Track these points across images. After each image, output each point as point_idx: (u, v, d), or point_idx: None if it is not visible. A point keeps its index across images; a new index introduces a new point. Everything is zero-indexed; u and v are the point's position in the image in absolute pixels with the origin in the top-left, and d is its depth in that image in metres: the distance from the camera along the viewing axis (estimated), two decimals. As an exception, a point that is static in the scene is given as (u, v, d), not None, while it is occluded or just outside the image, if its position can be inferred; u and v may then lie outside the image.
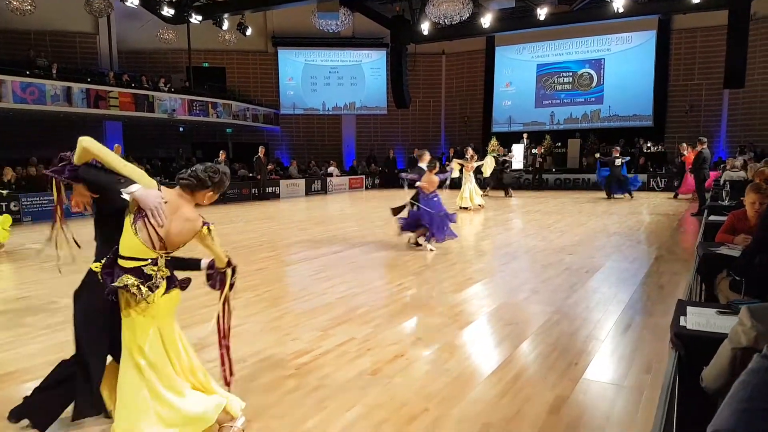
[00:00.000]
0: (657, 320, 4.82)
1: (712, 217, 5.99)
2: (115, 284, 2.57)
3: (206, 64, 24.20)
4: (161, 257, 2.70)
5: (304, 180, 21.36)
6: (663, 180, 19.73)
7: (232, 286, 2.94)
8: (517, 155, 22.29)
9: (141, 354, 2.66)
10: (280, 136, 25.54)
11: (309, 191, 21.31)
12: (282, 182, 20.36)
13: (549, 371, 3.72)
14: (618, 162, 16.47)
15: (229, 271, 2.93)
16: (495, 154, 17.85)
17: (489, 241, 9.38)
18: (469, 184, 14.54)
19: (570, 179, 21.38)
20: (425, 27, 20.87)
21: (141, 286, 2.60)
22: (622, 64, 22.69)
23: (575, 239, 9.33)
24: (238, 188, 18.70)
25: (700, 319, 2.63)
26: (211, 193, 2.84)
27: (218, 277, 2.91)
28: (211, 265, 2.90)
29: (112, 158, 2.63)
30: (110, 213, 2.69)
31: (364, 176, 24.12)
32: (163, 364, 2.70)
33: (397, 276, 6.80)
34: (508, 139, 23.49)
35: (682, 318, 2.67)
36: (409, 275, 6.81)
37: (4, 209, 12.73)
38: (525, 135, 22.89)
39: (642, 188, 18.70)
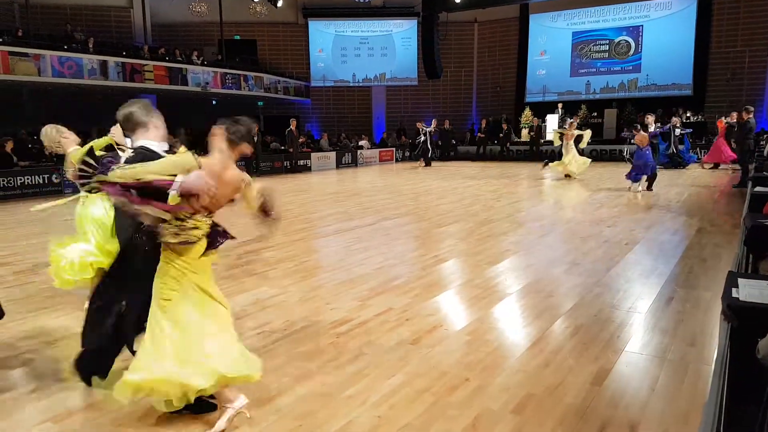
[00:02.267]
0: (700, 293, 4.73)
1: (757, 188, 5.79)
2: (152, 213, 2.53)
3: (238, 37, 24.21)
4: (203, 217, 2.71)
5: (335, 153, 21.37)
6: (703, 151, 19.12)
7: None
8: (551, 125, 21.85)
9: (174, 303, 2.67)
10: (311, 109, 25.53)
11: (339, 164, 21.33)
12: (313, 155, 20.41)
13: (591, 343, 3.69)
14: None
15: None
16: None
17: (524, 214, 9.27)
18: (572, 152, 14.46)
19: (606, 150, 20.88)
20: (458, -5, 20.41)
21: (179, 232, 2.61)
22: (662, 31, 21.87)
23: (614, 211, 9.15)
24: (270, 161, 18.83)
25: (752, 290, 2.55)
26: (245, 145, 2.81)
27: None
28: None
29: (141, 173, 2.51)
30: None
31: (394, 149, 24.01)
32: (194, 316, 2.69)
33: (432, 248, 6.80)
34: (542, 109, 23.06)
35: (734, 290, 2.59)
36: (445, 247, 6.80)
37: (45, 181, 13.10)
38: (560, 105, 22.39)
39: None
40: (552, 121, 21.95)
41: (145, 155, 2.79)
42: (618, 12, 22.74)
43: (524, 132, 22.90)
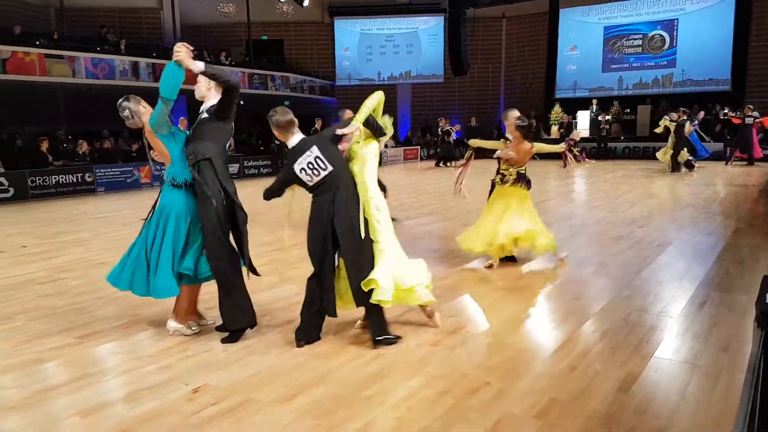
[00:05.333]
0: (736, 297, 4.56)
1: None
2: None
3: (265, 37, 24.41)
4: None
5: (360, 151, 21.34)
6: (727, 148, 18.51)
7: None
8: (583, 122, 21.48)
9: None
10: (337, 108, 25.59)
11: (365, 162, 21.28)
12: (338, 153, 20.41)
13: (618, 348, 3.58)
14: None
15: None
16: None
17: (553, 213, 9.12)
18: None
19: (639, 148, 20.38)
20: (486, -10, 20.19)
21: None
22: (698, 24, 21.26)
23: (646, 211, 8.94)
24: (297, 159, 18.91)
25: (789, 296, 2.43)
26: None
27: None
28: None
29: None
30: None
31: (418, 147, 23.88)
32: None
33: (456, 248, 6.71)
34: (572, 105, 22.69)
35: (768, 295, 2.47)
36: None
37: (79, 180, 13.41)
38: (594, 101, 21.88)
39: (717, 157, 17.66)
40: (583, 117, 21.56)
41: None
42: (651, 5, 22.22)
43: (554, 129, 22.54)
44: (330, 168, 3.63)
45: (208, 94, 3.87)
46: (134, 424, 2.76)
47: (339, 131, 3.65)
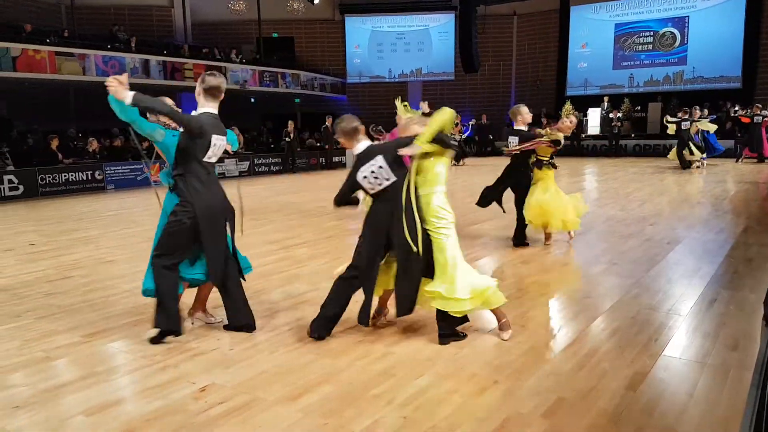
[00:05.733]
0: (745, 295, 4.52)
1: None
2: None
3: (275, 35, 24.46)
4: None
5: (370, 149, 21.36)
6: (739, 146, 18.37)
7: None
8: (594, 120, 21.35)
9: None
10: (347, 106, 25.59)
11: (376, 160, 21.31)
12: (348, 152, 20.38)
13: (627, 346, 3.56)
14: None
15: None
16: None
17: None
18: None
19: (650, 145, 20.27)
20: (496, -13, 20.11)
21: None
22: (709, 21, 21.07)
23: (656, 209, 8.87)
24: (306, 158, 18.98)
25: (800, 295, 2.41)
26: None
27: None
28: None
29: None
30: None
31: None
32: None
33: (465, 245, 6.65)
34: (583, 103, 22.53)
35: (778, 294, 2.45)
36: (478, 245, 6.70)
37: (89, 178, 13.51)
38: (606, 98, 21.76)
39: (728, 154, 17.50)
40: (594, 115, 21.43)
41: None
42: (662, 3, 22.04)
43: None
44: (393, 179, 3.61)
45: (198, 100, 3.75)
46: (140, 423, 2.77)
47: (400, 151, 3.58)
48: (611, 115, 20.60)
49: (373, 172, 3.63)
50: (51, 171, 12.91)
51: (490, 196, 6.67)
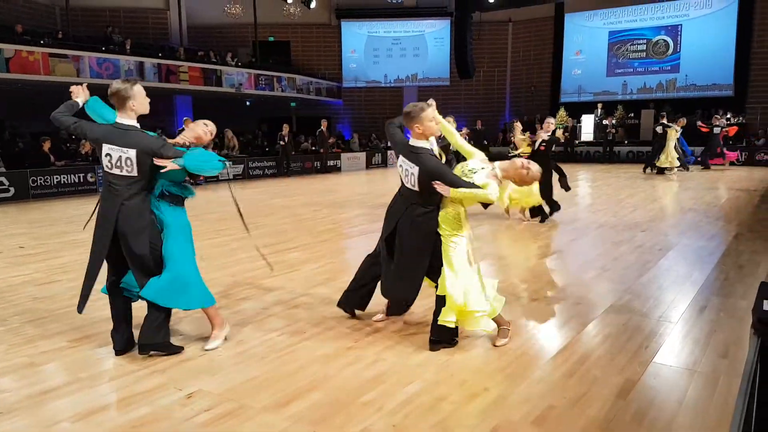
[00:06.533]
0: (736, 302, 4.53)
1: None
2: None
3: (272, 38, 24.46)
4: None
5: (365, 153, 21.40)
6: (743, 153, 18.53)
7: None
8: (587, 126, 21.44)
9: None
10: (343, 110, 25.61)
11: (369, 164, 21.35)
12: (343, 155, 20.47)
13: (618, 353, 3.56)
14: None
15: None
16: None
17: (556, 216, 9.08)
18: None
19: (643, 152, 20.32)
20: (491, -6, 20.20)
21: None
22: (702, 30, 21.24)
23: (648, 215, 8.90)
24: (301, 162, 18.97)
25: (788, 303, 2.40)
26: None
27: None
28: None
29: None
30: None
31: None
32: None
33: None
34: (577, 109, 22.69)
35: (765, 302, 2.44)
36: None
37: (81, 180, 13.44)
38: (599, 105, 21.90)
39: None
40: (588, 121, 21.52)
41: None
42: (656, 11, 22.18)
43: (559, 132, 22.48)
44: (415, 186, 3.59)
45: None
46: (126, 429, 2.74)
47: (435, 184, 3.48)
48: (605, 122, 20.69)
49: (407, 170, 3.62)
50: (42, 173, 12.83)
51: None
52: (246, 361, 3.52)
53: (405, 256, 3.69)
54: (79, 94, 3.72)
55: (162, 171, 3.40)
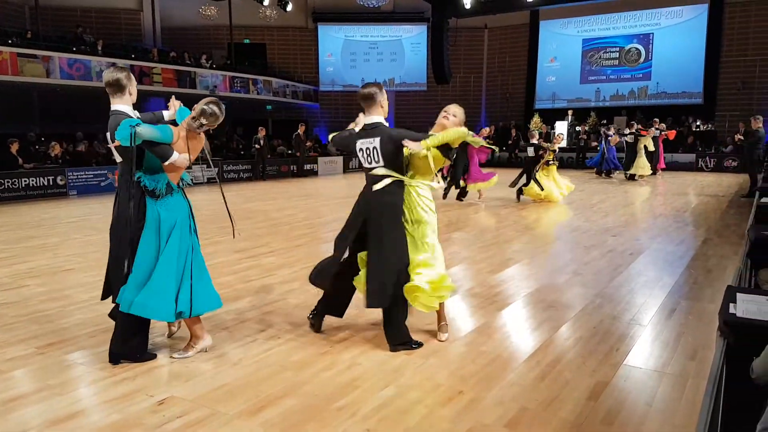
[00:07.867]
0: (704, 305, 4.64)
1: (764, 199, 5.69)
2: None
3: (247, 41, 24.31)
4: None
5: (341, 157, 21.36)
6: (712, 160, 19.00)
7: None
8: (561, 133, 21.75)
9: None
10: (319, 113, 25.55)
11: (347, 169, 21.32)
12: (320, 159, 20.40)
13: (589, 356, 3.61)
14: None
15: None
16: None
17: (529, 221, 9.19)
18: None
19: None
20: (468, 0, 20.38)
21: None
22: (672, 39, 21.76)
23: (620, 220, 9.06)
24: (277, 165, 18.86)
25: (751, 306, 2.48)
26: None
27: None
28: None
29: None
30: None
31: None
32: None
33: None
34: (551, 116, 22.97)
35: (731, 305, 2.52)
36: (447, 255, 6.68)
37: (50, 183, 13.15)
38: (570, 111, 22.29)
39: (690, 168, 18.08)
40: (561, 128, 21.83)
41: None
42: (628, 20, 22.64)
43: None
44: (380, 165, 3.74)
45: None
46: (96, 435, 2.69)
47: (406, 143, 3.61)
48: (578, 128, 21.04)
49: (368, 149, 3.75)
50: (10, 176, 12.52)
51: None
52: (218, 367, 3.48)
53: (385, 249, 3.69)
54: (171, 108, 3.84)
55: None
